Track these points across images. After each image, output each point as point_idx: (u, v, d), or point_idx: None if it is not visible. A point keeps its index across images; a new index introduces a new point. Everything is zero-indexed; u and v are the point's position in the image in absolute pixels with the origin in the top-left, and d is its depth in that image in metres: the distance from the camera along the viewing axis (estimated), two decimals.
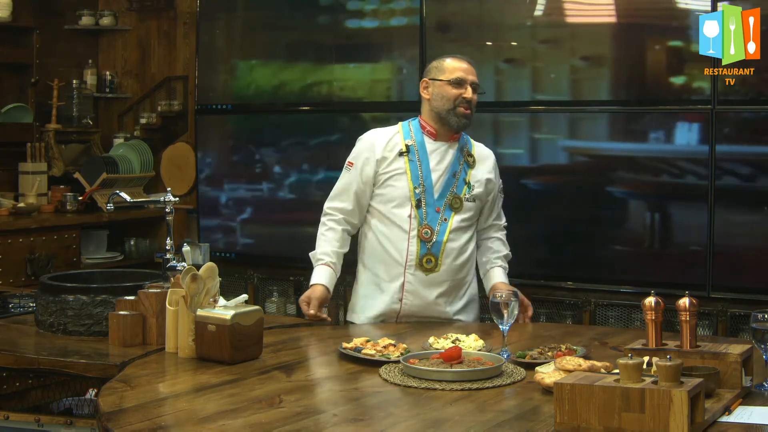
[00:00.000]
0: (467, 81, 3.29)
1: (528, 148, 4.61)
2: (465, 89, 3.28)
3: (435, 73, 3.34)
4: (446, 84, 3.29)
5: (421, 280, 3.32)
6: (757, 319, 2.31)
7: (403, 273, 3.32)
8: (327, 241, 3.36)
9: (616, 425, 1.92)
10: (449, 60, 3.34)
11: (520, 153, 4.59)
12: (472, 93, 3.29)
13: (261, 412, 2.14)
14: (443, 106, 3.30)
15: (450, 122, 3.31)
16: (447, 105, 3.29)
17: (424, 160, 3.32)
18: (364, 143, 3.39)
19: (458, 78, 3.29)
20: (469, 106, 3.29)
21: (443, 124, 3.32)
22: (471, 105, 3.29)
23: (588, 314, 4.48)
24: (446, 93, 3.29)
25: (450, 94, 3.29)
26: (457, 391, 2.32)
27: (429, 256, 3.31)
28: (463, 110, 3.29)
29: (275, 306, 5.20)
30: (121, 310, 2.86)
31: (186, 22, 5.88)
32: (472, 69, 3.33)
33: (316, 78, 5.16)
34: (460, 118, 3.29)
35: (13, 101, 5.48)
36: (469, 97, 3.28)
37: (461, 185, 3.34)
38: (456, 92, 3.28)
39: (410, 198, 3.30)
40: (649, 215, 4.38)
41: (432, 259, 3.31)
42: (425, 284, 3.32)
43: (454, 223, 3.32)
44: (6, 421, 2.81)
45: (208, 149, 5.51)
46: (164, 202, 3.16)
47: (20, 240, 4.94)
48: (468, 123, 3.33)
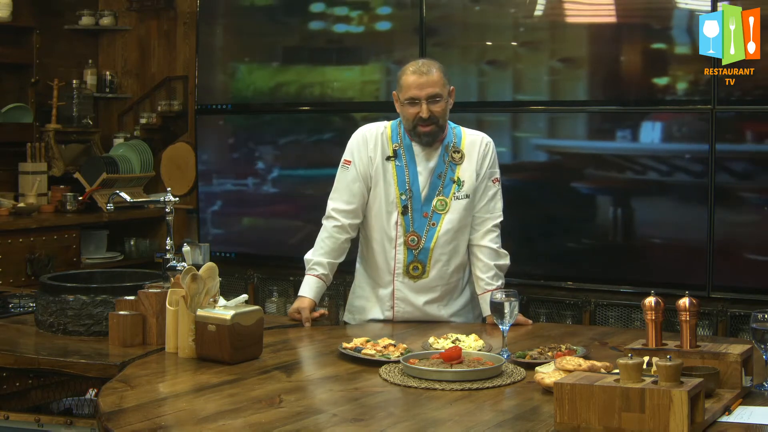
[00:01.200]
0: (421, 98, 3.17)
1: (529, 147, 4.60)
2: (420, 107, 3.18)
3: (398, 88, 3.26)
4: (404, 104, 3.22)
5: (410, 287, 3.30)
6: (757, 319, 2.31)
7: (392, 281, 3.31)
8: (324, 251, 3.31)
9: (616, 425, 1.92)
10: (406, 75, 3.21)
11: (523, 152, 4.58)
12: (427, 110, 3.17)
13: (261, 412, 2.14)
14: (407, 126, 3.26)
15: (417, 140, 3.26)
16: (408, 125, 3.25)
17: (411, 164, 3.27)
18: (355, 139, 3.35)
19: (410, 97, 3.19)
20: (429, 122, 3.19)
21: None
22: (432, 119, 3.19)
23: (588, 314, 4.47)
24: (404, 113, 3.24)
25: (407, 114, 3.22)
26: (457, 391, 2.32)
27: (416, 263, 3.28)
28: (422, 128, 3.21)
29: (275, 306, 5.20)
30: (121, 310, 2.86)
31: (186, 22, 5.88)
32: (429, 79, 3.17)
33: (313, 79, 5.16)
34: (422, 136, 3.23)
35: (13, 101, 5.48)
36: (424, 116, 3.17)
37: (449, 185, 3.27)
38: (412, 111, 3.20)
39: (396, 205, 3.27)
40: (650, 215, 4.38)
41: (419, 266, 3.28)
42: (415, 291, 3.30)
43: (444, 226, 3.26)
44: (6, 421, 2.81)
45: (208, 149, 5.51)
46: (164, 202, 3.16)
47: (20, 240, 4.94)
48: (432, 138, 3.23)
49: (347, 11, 5.08)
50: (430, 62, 3.25)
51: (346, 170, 3.34)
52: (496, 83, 4.75)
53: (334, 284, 4.03)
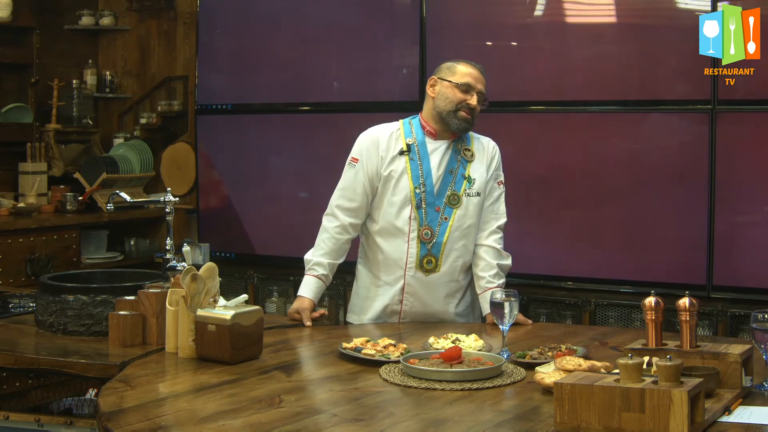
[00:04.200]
0: (475, 89, 3.28)
1: (529, 147, 4.60)
2: (471, 96, 3.27)
3: (445, 73, 3.33)
4: (454, 86, 3.28)
5: (421, 282, 3.31)
6: (757, 319, 2.31)
7: (403, 275, 3.32)
8: (324, 251, 3.33)
9: (616, 425, 1.92)
10: (462, 64, 3.33)
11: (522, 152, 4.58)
12: (476, 101, 3.28)
13: (261, 412, 2.14)
14: (446, 107, 3.29)
15: (450, 124, 3.30)
16: (449, 106, 3.28)
17: (425, 159, 3.30)
18: (366, 138, 3.37)
19: (466, 83, 3.28)
20: (471, 113, 3.28)
21: (443, 125, 3.31)
22: (473, 112, 3.29)
23: (588, 314, 4.48)
24: (451, 95, 3.28)
25: (455, 97, 3.28)
26: (457, 391, 2.32)
27: (429, 257, 3.30)
28: (464, 114, 3.28)
29: (275, 306, 5.20)
30: (121, 310, 2.86)
31: (186, 22, 5.88)
32: (482, 78, 3.32)
33: (313, 79, 5.16)
34: (461, 121, 3.28)
35: (13, 101, 5.48)
36: (473, 104, 3.27)
37: (460, 181, 3.31)
38: (461, 96, 3.27)
39: (411, 199, 3.28)
40: (649, 215, 4.38)
41: (432, 260, 3.30)
42: (426, 285, 3.31)
43: (456, 221, 3.29)
44: (6, 421, 2.81)
45: (208, 149, 5.51)
46: (164, 202, 3.16)
47: (20, 240, 4.94)
48: (468, 127, 3.32)
49: (347, 11, 5.08)
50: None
51: (353, 168, 3.35)
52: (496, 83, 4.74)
53: (334, 284, 4.03)
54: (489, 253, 3.34)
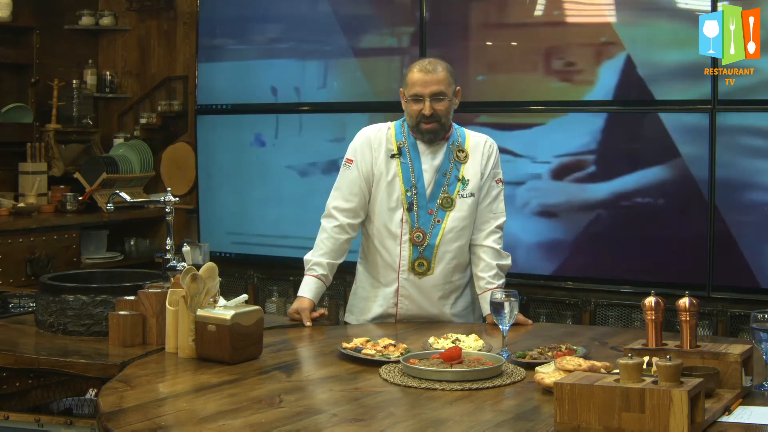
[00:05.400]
0: (425, 95, 3.19)
1: (529, 147, 4.60)
2: (423, 104, 3.19)
3: (404, 85, 3.27)
4: (409, 101, 3.23)
5: (414, 284, 3.30)
6: (757, 319, 2.31)
7: (396, 278, 3.31)
8: (323, 251, 3.31)
9: (616, 425, 1.92)
10: (412, 72, 3.23)
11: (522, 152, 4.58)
12: (430, 107, 3.18)
13: (261, 412, 2.14)
14: (410, 122, 3.27)
15: (419, 137, 3.27)
16: (411, 122, 3.25)
17: (416, 162, 3.27)
18: (359, 139, 3.35)
19: (414, 94, 3.20)
20: (431, 120, 3.21)
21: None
22: (434, 117, 3.20)
23: (588, 314, 4.48)
24: (409, 109, 3.24)
25: (412, 111, 3.23)
26: (457, 391, 2.32)
27: (421, 259, 3.28)
28: (425, 125, 3.22)
29: (275, 306, 5.20)
30: (121, 310, 2.86)
31: (186, 22, 5.88)
32: (432, 78, 3.18)
33: (313, 79, 5.16)
34: (425, 133, 3.24)
35: (13, 101, 5.49)
36: (426, 113, 3.19)
37: (453, 183, 3.28)
38: (415, 108, 3.21)
39: (402, 201, 3.26)
40: (649, 215, 4.38)
41: (424, 262, 3.28)
42: (419, 288, 3.30)
43: (449, 224, 3.27)
44: (6, 421, 2.81)
45: (208, 149, 5.51)
46: (164, 202, 3.16)
47: (20, 240, 4.95)
48: (434, 136, 3.25)
49: (347, 11, 5.08)
50: (436, 61, 3.26)
51: (348, 169, 3.34)
52: (496, 83, 4.75)
53: (334, 284, 4.03)
54: (488, 253, 3.31)
